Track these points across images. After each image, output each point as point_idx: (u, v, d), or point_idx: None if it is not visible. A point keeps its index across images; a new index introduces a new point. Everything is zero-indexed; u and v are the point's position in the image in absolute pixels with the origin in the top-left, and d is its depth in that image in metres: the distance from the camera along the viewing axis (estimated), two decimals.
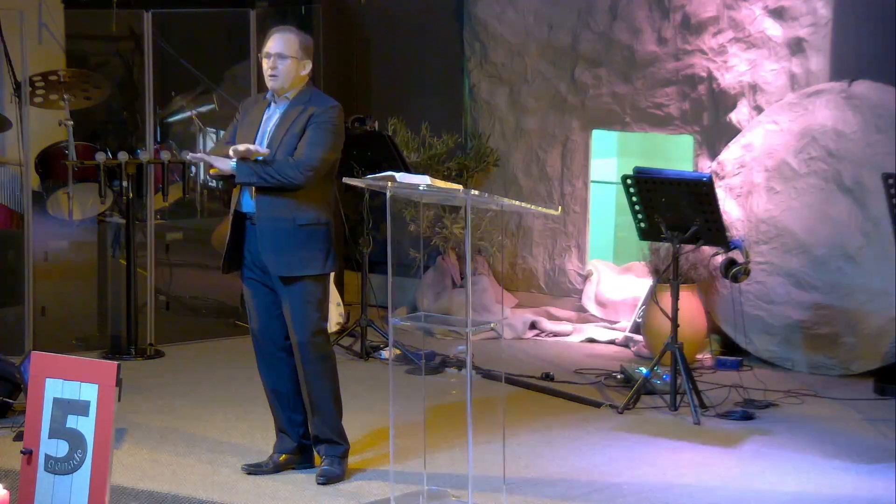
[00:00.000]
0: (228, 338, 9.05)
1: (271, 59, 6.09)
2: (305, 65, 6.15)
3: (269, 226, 6.08)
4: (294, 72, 6.12)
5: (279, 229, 6.07)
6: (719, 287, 8.46)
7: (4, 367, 7.13)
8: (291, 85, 6.14)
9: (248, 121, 6.21)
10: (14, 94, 8.47)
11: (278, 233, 6.07)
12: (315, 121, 6.06)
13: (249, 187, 6.09)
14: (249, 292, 6.28)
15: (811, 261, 8.24)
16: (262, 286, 6.23)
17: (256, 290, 6.26)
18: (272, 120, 6.16)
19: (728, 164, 8.62)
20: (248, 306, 6.33)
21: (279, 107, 6.17)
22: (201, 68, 9.51)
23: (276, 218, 6.07)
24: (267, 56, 6.11)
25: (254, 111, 6.23)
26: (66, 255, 8.75)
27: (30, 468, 5.29)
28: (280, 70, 6.09)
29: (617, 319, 9.26)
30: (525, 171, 9.78)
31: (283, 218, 6.07)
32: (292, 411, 6.30)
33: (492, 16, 9.81)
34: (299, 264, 6.10)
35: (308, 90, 6.19)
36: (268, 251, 6.09)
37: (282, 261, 6.09)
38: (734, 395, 7.51)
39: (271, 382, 6.33)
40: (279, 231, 6.07)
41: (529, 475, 6.32)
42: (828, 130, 8.30)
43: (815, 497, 6.07)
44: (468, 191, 5.68)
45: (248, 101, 6.42)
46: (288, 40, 6.11)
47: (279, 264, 6.09)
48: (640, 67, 9.22)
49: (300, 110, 6.10)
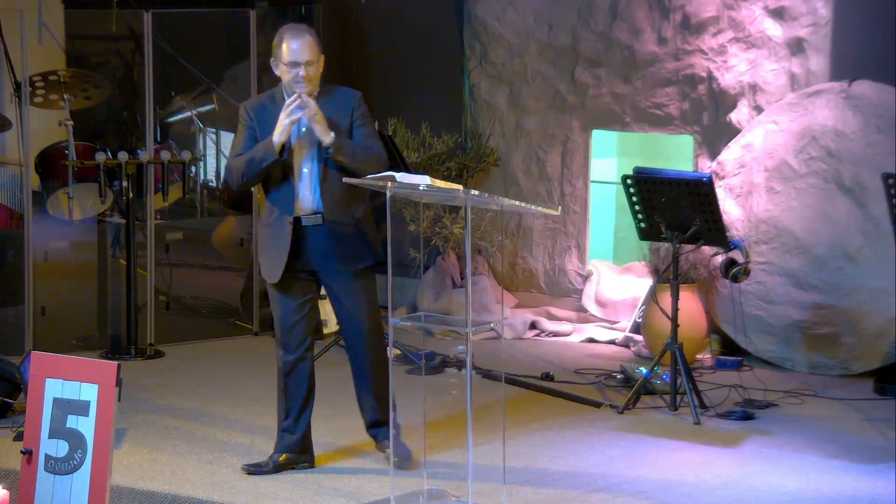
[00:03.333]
0: (228, 338, 9.05)
1: (301, 67, 6.10)
2: (322, 61, 6.23)
3: (336, 222, 6.20)
4: (318, 73, 6.20)
5: (345, 224, 6.20)
6: (719, 287, 8.46)
7: (4, 367, 7.13)
8: (316, 85, 6.20)
9: (272, 124, 6.15)
10: (14, 94, 8.47)
11: (345, 228, 6.21)
12: (360, 114, 6.22)
13: (312, 185, 6.13)
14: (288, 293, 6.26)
15: (811, 261, 8.24)
16: (306, 284, 6.29)
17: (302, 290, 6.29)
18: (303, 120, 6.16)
19: (728, 164, 8.62)
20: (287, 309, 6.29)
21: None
22: (201, 68, 9.51)
23: (341, 213, 6.19)
24: (295, 65, 6.11)
25: (274, 114, 6.17)
26: (66, 255, 8.75)
27: (30, 468, 5.29)
28: (312, 77, 6.14)
29: (617, 319, 9.26)
30: (525, 171, 9.78)
31: (346, 212, 6.21)
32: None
33: (492, 16, 9.81)
34: (366, 255, 6.27)
35: (324, 85, 6.26)
36: (339, 247, 6.20)
37: (349, 255, 6.23)
38: (734, 395, 7.52)
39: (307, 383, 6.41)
40: (346, 226, 6.21)
41: (529, 475, 6.32)
42: (828, 130, 8.30)
43: (815, 497, 6.07)
44: (468, 191, 5.68)
45: (255, 105, 6.35)
46: (310, 44, 6.14)
47: (349, 258, 6.23)
48: (640, 67, 9.22)
49: (335, 107, 6.19)
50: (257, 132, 6.23)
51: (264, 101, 6.33)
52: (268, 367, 8.35)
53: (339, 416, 7.20)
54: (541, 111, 9.69)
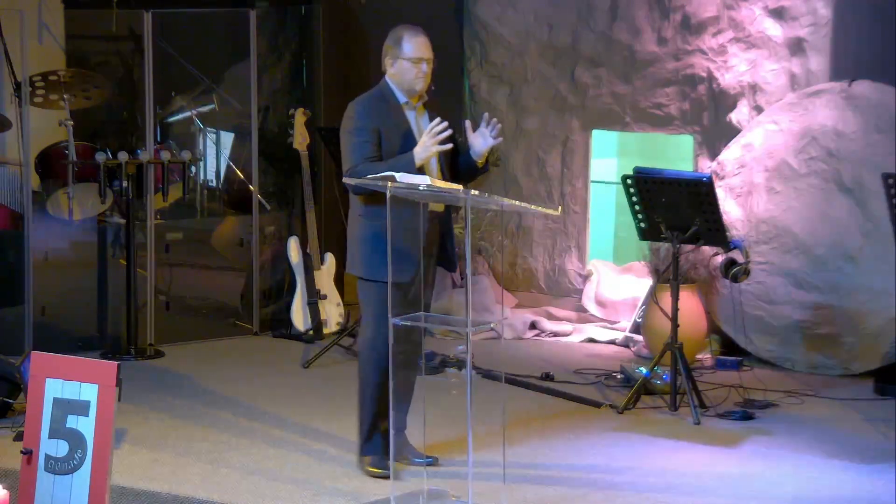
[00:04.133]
0: (228, 338, 9.05)
1: (424, 63, 6.24)
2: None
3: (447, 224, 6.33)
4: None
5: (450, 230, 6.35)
6: (719, 287, 8.46)
7: (4, 367, 7.13)
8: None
9: (394, 125, 6.19)
10: (14, 94, 8.46)
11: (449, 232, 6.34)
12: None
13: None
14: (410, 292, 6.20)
15: (811, 261, 8.24)
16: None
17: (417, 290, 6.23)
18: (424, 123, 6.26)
19: (728, 164, 8.62)
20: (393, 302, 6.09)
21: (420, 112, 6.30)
22: (201, 68, 9.51)
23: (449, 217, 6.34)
24: (419, 61, 6.22)
25: (391, 115, 6.21)
26: (66, 255, 8.74)
27: (30, 468, 5.28)
28: (429, 75, 6.27)
29: (617, 319, 9.26)
30: (525, 172, 9.78)
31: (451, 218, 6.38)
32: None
33: (492, 16, 9.81)
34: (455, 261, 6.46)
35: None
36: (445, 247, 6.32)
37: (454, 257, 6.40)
38: (734, 395, 7.52)
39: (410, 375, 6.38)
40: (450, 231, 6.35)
41: (529, 475, 6.32)
42: (828, 130, 8.30)
43: (815, 497, 6.07)
44: (468, 191, 5.68)
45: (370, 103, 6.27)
46: (429, 44, 6.30)
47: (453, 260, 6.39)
48: (640, 67, 9.22)
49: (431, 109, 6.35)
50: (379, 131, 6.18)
51: (377, 99, 6.29)
52: (268, 367, 8.37)
53: (338, 415, 7.20)
54: (541, 111, 9.69)
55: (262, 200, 9.39)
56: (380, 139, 6.17)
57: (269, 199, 9.57)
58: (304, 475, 6.29)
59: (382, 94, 6.28)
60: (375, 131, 6.17)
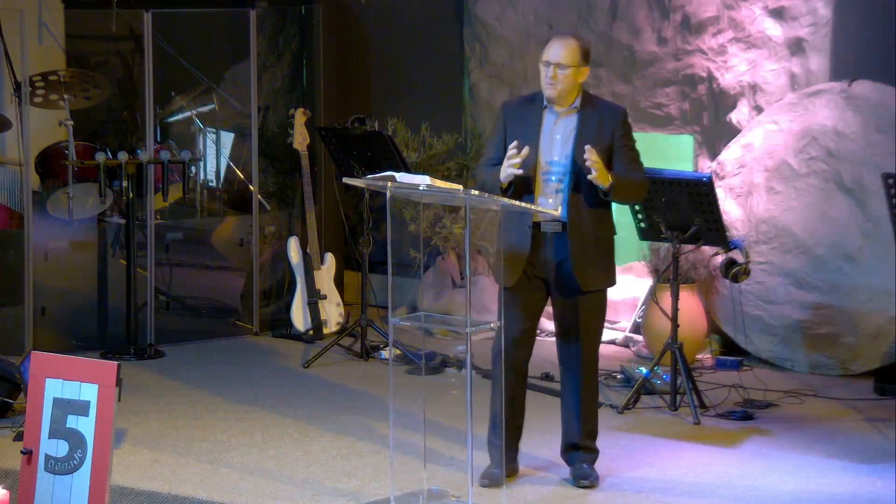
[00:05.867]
0: (228, 338, 9.05)
1: (551, 68, 6.03)
2: (585, 72, 6.09)
3: (578, 238, 6.06)
4: (574, 81, 6.05)
5: (587, 242, 6.08)
6: (719, 287, 8.46)
7: (4, 367, 7.13)
8: (570, 94, 6.08)
9: (524, 126, 6.09)
10: (14, 94, 8.47)
11: (586, 246, 6.08)
12: (623, 133, 6.07)
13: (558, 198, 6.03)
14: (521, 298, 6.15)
15: (811, 261, 8.24)
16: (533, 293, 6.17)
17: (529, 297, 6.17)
18: (563, 129, 6.07)
19: (728, 164, 8.62)
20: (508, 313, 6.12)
21: (566, 117, 6.08)
22: (201, 68, 9.51)
23: (585, 231, 6.08)
24: (546, 64, 6.04)
25: (527, 116, 6.12)
26: (66, 255, 8.74)
27: (30, 468, 5.29)
28: (560, 80, 6.02)
29: (617, 319, 9.26)
30: None
31: (588, 231, 6.09)
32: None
33: (492, 16, 9.81)
34: (600, 278, 6.17)
35: (587, 94, 6.15)
36: (576, 264, 6.06)
37: (586, 274, 6.09)
38: (734, 395, 7.52)
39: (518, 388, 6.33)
40: (586, 244, 6.08)
41: (530, 475, 6.32)
42: (828, 130, 8.30)
43: (815, 497, 6.07)
44: (468, 191, 5.68)
45: (513, 104, 6.28)
46: (569, 48, 6.04)
47: (586, 278, 6.09)
48: (640, 67, 9.22)
49: (598, 119, 6.06)
50: (506, 133, 6.11)
51: (523, 100, 6.26)
52: (268, 366, 8.37)
53: (337, 415, 7.20)
54: None
55: (262, 200, 9.39)
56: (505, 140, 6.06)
57: (268, 199, 9.58)
58: (304, 475, 6.29)
59: (534, 94, 6.20)
60: (502, 132, 6.12)
